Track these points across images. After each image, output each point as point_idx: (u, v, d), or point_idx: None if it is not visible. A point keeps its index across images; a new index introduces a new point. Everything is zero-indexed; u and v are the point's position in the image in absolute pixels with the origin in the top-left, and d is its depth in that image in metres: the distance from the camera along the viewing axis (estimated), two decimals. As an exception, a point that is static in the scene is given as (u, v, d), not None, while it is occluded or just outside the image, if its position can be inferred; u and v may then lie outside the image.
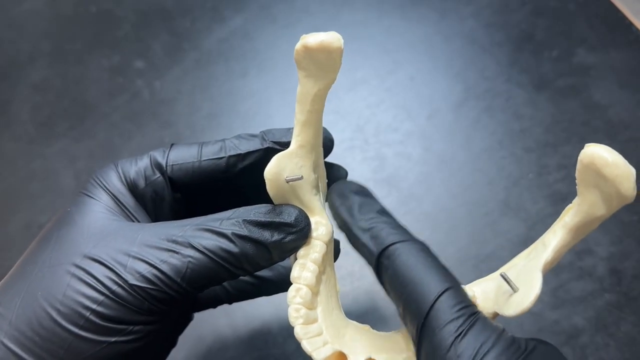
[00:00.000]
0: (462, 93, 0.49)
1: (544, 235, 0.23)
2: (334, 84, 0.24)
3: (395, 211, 0.44)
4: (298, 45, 0.23)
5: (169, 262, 0.23)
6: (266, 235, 0.24)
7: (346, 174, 0.31)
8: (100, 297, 0.22)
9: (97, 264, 0.23)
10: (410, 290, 0.21)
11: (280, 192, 0.25)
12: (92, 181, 0.27)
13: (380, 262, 0.23)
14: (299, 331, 0.24)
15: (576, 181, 0.21)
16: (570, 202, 0.22)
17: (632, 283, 0.39)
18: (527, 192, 0.44)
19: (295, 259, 0.25)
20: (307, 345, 0.23)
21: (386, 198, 0.44)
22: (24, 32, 0.56)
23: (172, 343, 0.30)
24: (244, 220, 0.24)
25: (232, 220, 0.24)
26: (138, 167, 0.27)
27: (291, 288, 0.24)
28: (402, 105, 0.49)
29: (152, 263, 0.23)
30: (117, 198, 0.26)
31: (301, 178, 0.25)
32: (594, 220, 0.21)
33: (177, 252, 0.23)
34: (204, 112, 0.50)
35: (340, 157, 0.31)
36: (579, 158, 0.20)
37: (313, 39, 0.22)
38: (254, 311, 0.40)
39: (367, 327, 0.26)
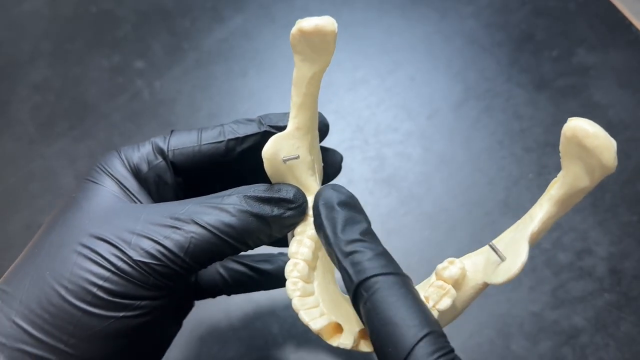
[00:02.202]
0: (462, 93, 0.49)
1: (531, 209, 0.23)
2: (334, 84, 0.24)
3: (395, 211, 0.44)
4: (294, 30, 0.24)
5: (172, 237, 0.24)
6: (267, 210, 0.25)
7: (341, 158, 0.31)
8: (106, 274, 0.23)
9: (102, 242, 0.23)
10: (388, 331, 0.21)
11: (277, 171, 0.26)
12: (95, 168, 0.27)
13: (359, 292, 0.22)
14: (296, 302, 0.24)
15: (560, 154, 0.21)
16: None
17: (632, 283, 0.39)
18: (527, 192, 0.44)
19: (293, 236, 0.26)
20: (304, 316, 0.24)
21: (386, 198, 0.44)
22: (24, 32, 0.56)
23: (178, 325, 0.30)
24: (245, 196, 0.25)
25: (232, 197, 0.25)
26: (141, 152, 0.28)
27: (289, 263, 0.25)
28: (402, 105, 0.49)
29: (156, 239, 0.23)
30: (121, 182, 0.27)
31: (298, 157, 0.25)
32: (578, 191, 0.21)
33: (179, 228, 0.24)
34: (204, 112, 0.50)
35: (340, 157, 0.31)
36: (562, 132, 0.20)
37: (308, 23, 0.24)
38: (253, 311, 0.40)
39: None
